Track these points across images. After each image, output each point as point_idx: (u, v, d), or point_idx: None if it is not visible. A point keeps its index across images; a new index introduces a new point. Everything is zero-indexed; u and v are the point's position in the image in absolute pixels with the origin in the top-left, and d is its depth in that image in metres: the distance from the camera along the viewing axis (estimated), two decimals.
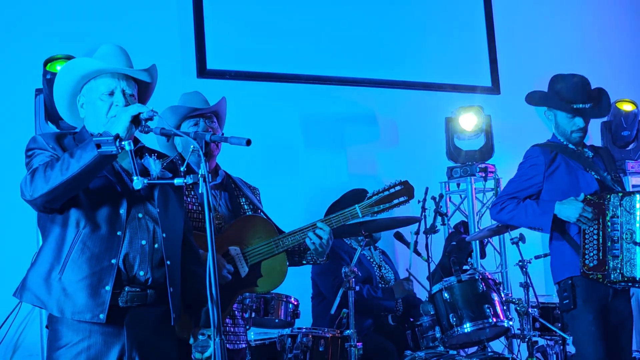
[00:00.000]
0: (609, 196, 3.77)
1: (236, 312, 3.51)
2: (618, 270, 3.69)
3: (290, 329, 3.99)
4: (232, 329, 3.49)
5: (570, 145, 3.98)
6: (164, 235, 2.73)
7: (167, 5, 5.44)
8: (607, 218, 3.74)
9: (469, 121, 5.77)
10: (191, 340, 2.83)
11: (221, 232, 3.44)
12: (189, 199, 3.43)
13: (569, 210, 3.77)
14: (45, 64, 4.18)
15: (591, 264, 3.73)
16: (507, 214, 3.97)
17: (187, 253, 2.89)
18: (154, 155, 2.82)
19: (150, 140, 3.09)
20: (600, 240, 3.74)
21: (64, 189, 2.51)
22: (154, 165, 2.75)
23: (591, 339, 3.74)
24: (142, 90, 2.87)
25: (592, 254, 3.74)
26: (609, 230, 3.73)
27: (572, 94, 3.96)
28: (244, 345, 3.55)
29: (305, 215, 5.48)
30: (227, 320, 3.42)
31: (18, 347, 4.64)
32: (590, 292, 3.77)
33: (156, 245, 2.71)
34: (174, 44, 5.44)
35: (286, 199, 5.56)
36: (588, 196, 3.80)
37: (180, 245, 2.84)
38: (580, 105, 3.94)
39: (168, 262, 2.72)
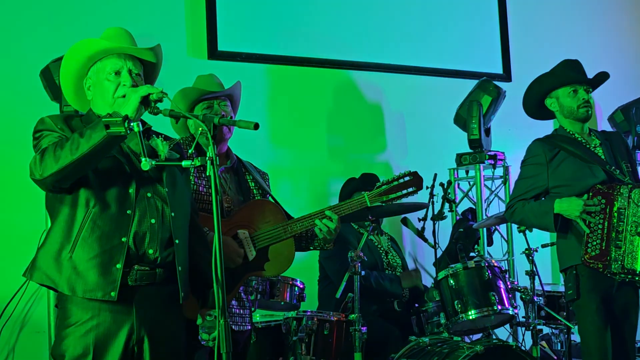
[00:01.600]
0: (618, 187, 3.74)
1: (242, 294, 3.53)
2: (619, 262, 3.68)
3: (295, 311, 4.01)
4: (238, 311, 3.51)
5: (577, 135, 3.95)
6: (173, 214, 2.74)
7: None
8: (615, 209, 3.72)
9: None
10: (199, 321, 2.84)
11: (230, 216, 3.45)
12: (199, 181, 3.44)
13: (570, 208, 3.74)
14: None
15: (593, 253, 3.72)
16: (518, 216, 3.97)
17: (193, 234, 2.90)
18: (162, 137, 2.83)
19: (164, 122, 3.10)
20: (605, 230, 3.72)
21: (74, 168, 2.52)
22: (162, 147, 2.76)
23: (595, 329, 3.74)
24: (148, 71, 2.88)
25: (595, 243, 3.73)
26: (615, 221, 3.72)
27: (569, 70, 3.99)
28: (249, 327, 3.57)
29: (311, 199, 5.51)
30: (233, 302, 3.44)
31: (25, 324, 4.67)
32: (594, 282, 3.77)
33: (165, 225, 2.72)
34: (185, 25, 5.43)
35: (292, 183, 5.57)
36: (598, 185, 3.78)
37: (188, 225, 2.86)
38: (581, 76, 3.97)
39: (177, 241, 2.74)
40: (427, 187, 4.75)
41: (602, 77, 4.03)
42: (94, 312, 2.62)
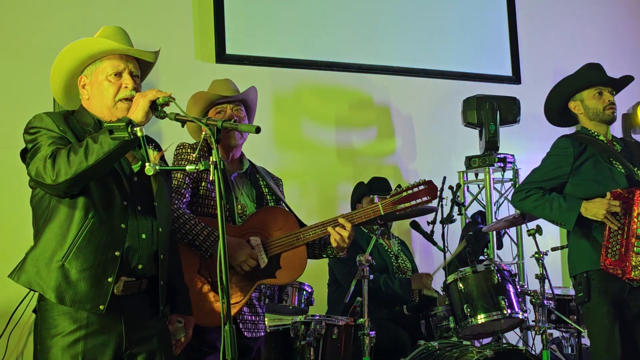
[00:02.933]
0: (638, 192, 3.71)
1: (254, 301, 3.51)
2: (639, 268, 3.64)
3: (304, 316, 4.00)
4: (250, 318, 3.48)
5: (601, 137, 3.92)
6: (160, 229, 2.73)
7: None
8: (635, 214, 3.67)
9: None
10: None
11: (243, 222, 3.44)
12: (212, 187, 3.42)
13: (595, 209, 3.69)
14: None
15: (613, 259, 3.67)
16: (531, 203, 3.87)
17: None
18: (152, 145, 2.79)
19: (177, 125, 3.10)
20: (625, 236, 3.68)
21: (88, 174, 2.49)
22: (152, 156, 2.72)
23: (605, 332, 3.70)
24: (143, 71, 2.85)
25: (614, 249, 3.67)
26: (635, 226, 3.67)
27: (593, 72, 3.96)
28: (262, 334, 3.53)
29: (320, 203, 5.50)
30: (244, 309, 3.42)
31: (31, 331, 4.67)
32: (606, 286, 3.72)
33: (153, 239, 2.71)
34: (193, 29, 5.43)
35: (301, 187, 5.56)
36: (618, 189, 3.74)
37: (169, 239, 2.85)
38: (607, 77, 3.92)
39: (161, 257, 2.73)
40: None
41: (628, 79, 4.00)
42: (81, 322, 2.57)
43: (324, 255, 3.63)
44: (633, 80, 4.03)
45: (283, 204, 3.62)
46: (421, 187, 3.46)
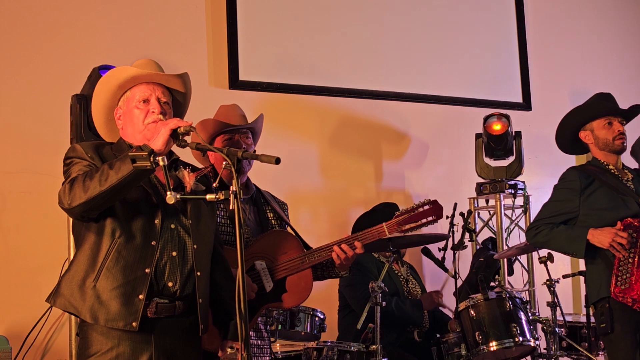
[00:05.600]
0: None
1: (260, 324, 3.52)
2: None
3: (316, 342, 4.00)
4: (255, 342, 3.49)
5: (611, 167, 3.93)
6: (195, 246, 2.76)
7: (201, 16, 5.49)
8: None
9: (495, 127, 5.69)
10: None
11: (248, 246, 3.46)
12: (217, 212, 3.44)
13: (602, 236, 3.72)
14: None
15: (622, 287, 3.68)
16: (542, 238, 3.94)
17: (217, 265, 2.92)
18: (188, 168, 2.85)
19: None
20: (635, 265, 3.68)
21: (102, 199, 2.54)
22: (188, 178, 2.78)
23: None
24: (178, 102, 2.92)
25: (624, 277, 3.68)
26: None
27: (603, 102, 3.98)
28: (267, 359, 3.55)
29: (333, 228, 5.51)
30: (250, 333, 3.42)
31: (47, 351, 4.69)
32: (628, 315, 3.72)
33: (186, 257, 2.74)
34: (207, 56, 5.49)
35: (314, 212, 5.58)
36: (629, 219, 3.75)
37: (210, 257, 2.88)
38: (616, 107, 3.94)
39: (198, 273, 2.75)
40: (447, 217, 4.75)
41: (637, 108, 4.02)
42: (114, 342, 2.63)
43: (327, 277, 3.64)
44: None
45: (288, 228, 3.63)
46: (426, 207, 3.44)
